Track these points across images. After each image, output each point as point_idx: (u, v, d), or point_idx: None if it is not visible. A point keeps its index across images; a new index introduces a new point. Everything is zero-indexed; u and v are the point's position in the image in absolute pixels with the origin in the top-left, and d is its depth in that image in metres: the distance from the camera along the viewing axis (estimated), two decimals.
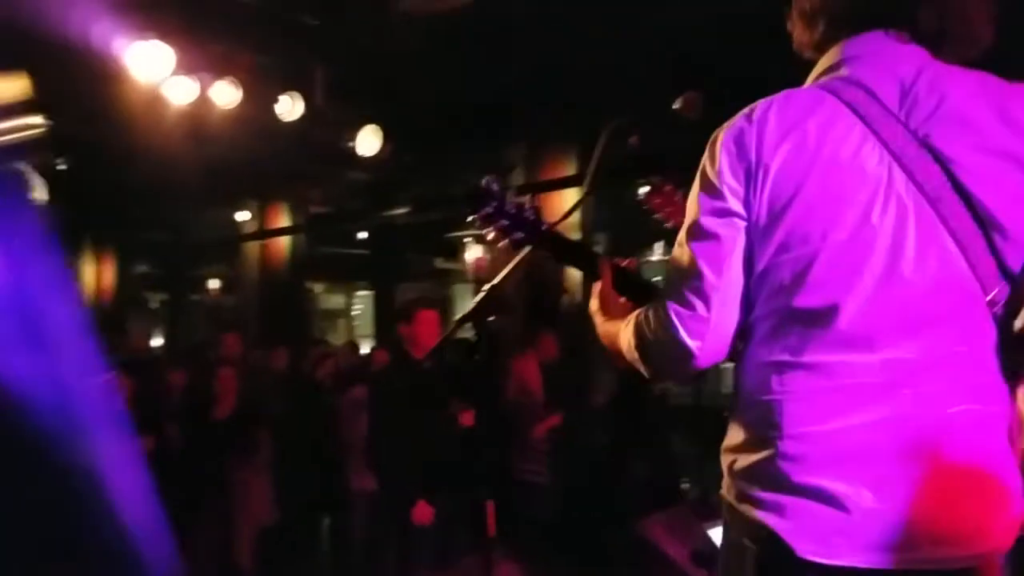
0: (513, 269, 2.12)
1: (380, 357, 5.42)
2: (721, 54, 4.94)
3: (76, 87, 5.95)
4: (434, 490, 4.02)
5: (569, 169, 7.74)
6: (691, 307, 1.35)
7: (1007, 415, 1.26)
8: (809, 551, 1.23)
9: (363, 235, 11.51)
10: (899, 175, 1.27)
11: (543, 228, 1.76)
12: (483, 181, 1.74)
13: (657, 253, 12.08)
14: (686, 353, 1.36)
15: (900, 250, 1.25)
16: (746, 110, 1.37)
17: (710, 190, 1.35)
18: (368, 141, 5.69)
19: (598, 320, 1.66)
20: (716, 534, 3.13)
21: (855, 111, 1.30)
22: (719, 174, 1.34)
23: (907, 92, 1.31)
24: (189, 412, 5.46)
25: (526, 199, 1.76)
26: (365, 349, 8.53)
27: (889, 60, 1.35)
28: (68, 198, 8.43)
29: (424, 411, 3.99)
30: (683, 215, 1.48)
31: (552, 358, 5.88)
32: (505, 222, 1.73)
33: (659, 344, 1.40)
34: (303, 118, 5.34)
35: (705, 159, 1.38)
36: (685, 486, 6.40)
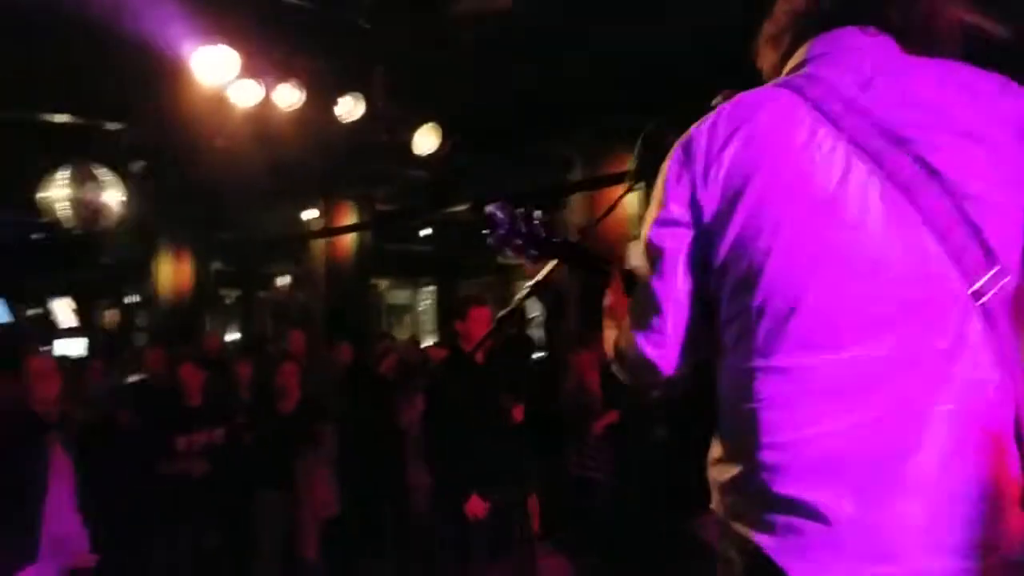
0: (552, 270, 2.15)
1: (438, 353, 5.49)
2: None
3: (150, 92, 6.21)
4: (488, 484, 4.07)
5: (629, 164, 7.67)
6: (646, 319, 1.37)
7: (1005, 413, 1.15)
8: (796, 569, 1.16)
9: (426, 232, 11.66)
10: (860, 165, 1.20)
11: (553, 241, 1.82)
12: (488, 209, 1.79)
13: None
14: (647, 363, 1.38)
15: (863, 242, 1.18)
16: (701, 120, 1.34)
17: (656, 203, 1.34)
18: (426, 140, 5.78)
19: (604, 323, 1.67)
20: None
21: (811, 104, 1.25)
22: (664, 184, 1.33)
23: (868, 82, 1.25)
24: (256, 406, 5.63)
25: (537, 215, 1.80)
26: (428, 344, 8.66)
27: (852, 54, 1.30)
28: (146, 198, 8.79)
29: (477, 406, 4.05)
30: None
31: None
32: (519, 241, 1.79)
33: (623, 354, 1.43)
34: (363, 118, 5.44)
35: (664, 164, 1.36)
36: None
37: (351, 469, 5.74)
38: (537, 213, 1.81)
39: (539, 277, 2.15)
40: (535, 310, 10.69)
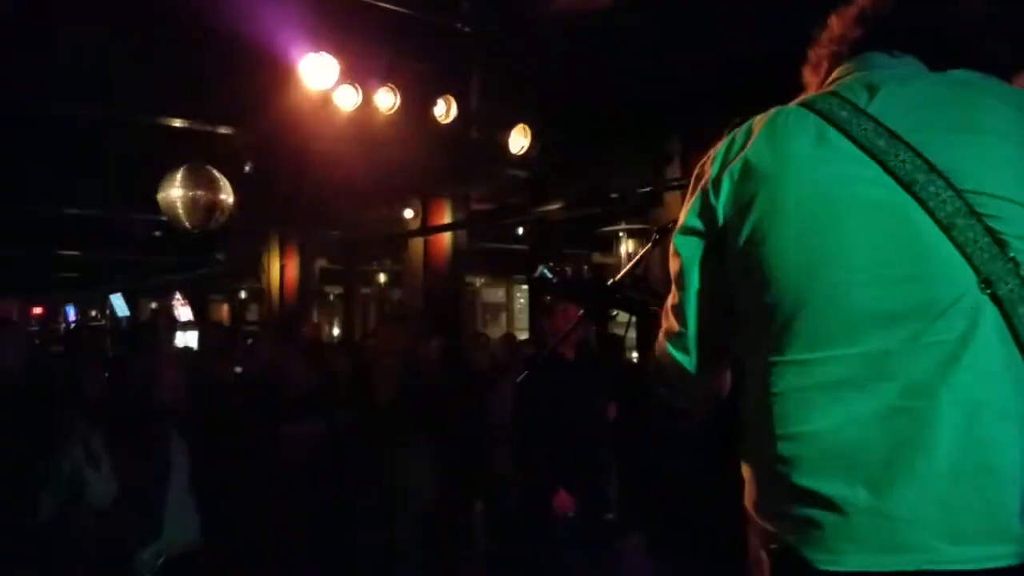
0: (632, 268, 2.20)
1: (527, 350, 5.57)
2: None
3: (260, 98, 6.53)
4: (576, 479, 4.13)
5: None
6: (672, 326, 1.45)
7: (1017, 403, 1.14)
8: (820, 560, 1.18)
9: (522, 230, 11.77)
10: (865, 165, 1.23)
11: (604, 292, 1.92)
12: (538, 271, 1.94)
13: None
14: (680, 368, 1.44)
15: (870, 238, 1.21)
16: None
17: (680, 216, 1.43)
18: (519, 140, 5.87)
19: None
20: None
21: (818, 112, 1.30)
22: (688, 197, 1.41)
23: (876, 90, 1.30)
24: (354, 399, 5.82)
25: (584, 271, 1.99)
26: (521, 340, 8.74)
27: (871, 72, 1.36)
28: (256, 199, 9.22)
29: (566, 402, 4.10)
30: None
31: None
32: (572, 296, 1.95)
33: (661, 365, 1.49)
34: (459, 119, 5.58)
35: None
36: None
37: (444, 462, 5.86)
38: (585, 268, 1.99)
39: (617, 278, 2.20)
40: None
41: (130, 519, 3.65)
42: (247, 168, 8.35)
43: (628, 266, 2.23)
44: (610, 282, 2.03)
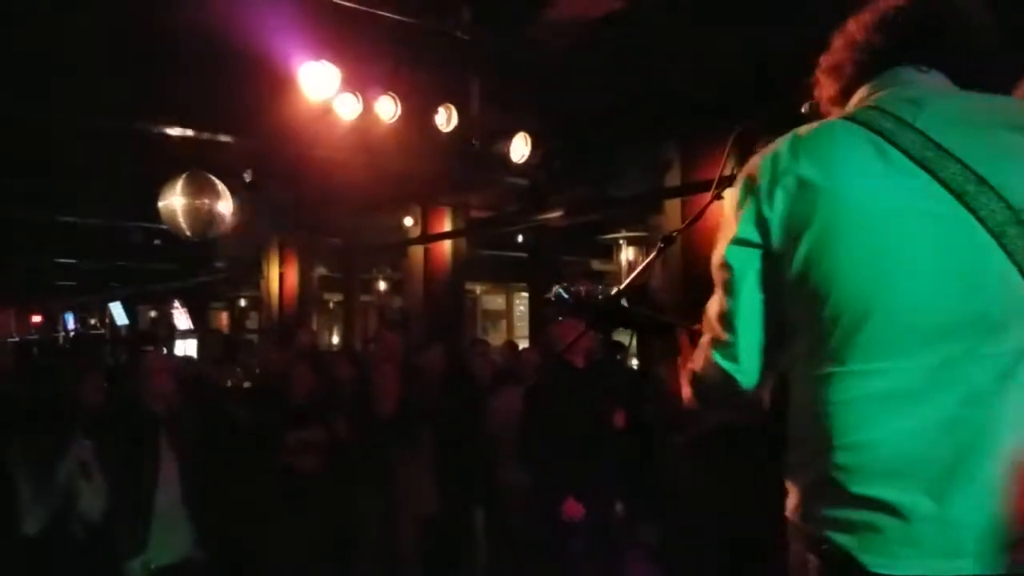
0: (638, 276, 2.20)
1: (530, 356, 5.56)
2: None
3: (259, 106, 6.54)
4: (585, 487, 4.12)
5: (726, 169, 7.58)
6: (719, 335, 1.45)
7: None
8: (876, 564, 1.22)
9: (521, 238, 11.77)
10: (923, 177, 1.26)
11: (618, 311, 1.90)
12: (553, 291, 1.94)
13: None
14: (727, 378, 1.44)
15: (927, 249, 1.24)
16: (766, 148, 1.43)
17: (727, 225, 1.43)
18: (520, 148, 5.87)
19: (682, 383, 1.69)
20: None
21: (871, 127, 1.33)
22: (736, 206, 1.42)
23: (919, 104, 1.33)
24: (356, 406, 5.81)
25: (599, 289, 1.96)
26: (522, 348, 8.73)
27: (907, 87, 1.39)
28: (256, 207, 9.22)
29: (575, 410, 4.09)
30: None
31: None
32: (586, 315, 1.94)
33: (704, 376, 1.49)
34: (459, 127, 5.58)
35: (736, 185, 1.45)
36: None
37: (446, 470, 5.84)
38: (599, 287, 2.01)
39: (623, 286, 2.20)
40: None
41: (118, 530, 3.64)
42: (246, 176, 8.34)
43: (632, 276, 2.23)
44: (622, 300, 1.98)
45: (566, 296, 1.95)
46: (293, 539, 4.86)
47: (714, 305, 1.47)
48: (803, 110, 2.17)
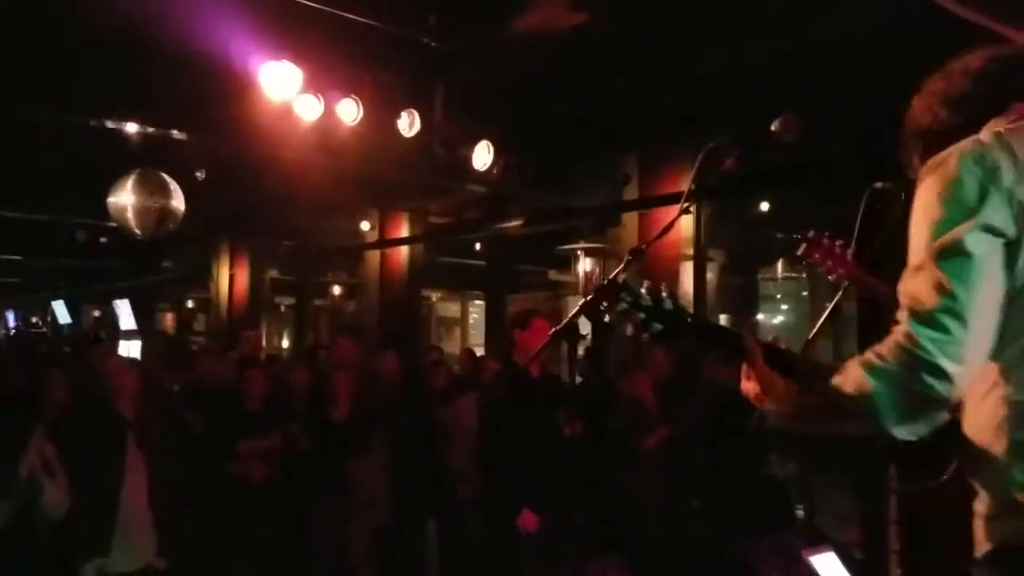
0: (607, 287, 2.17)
1: (490, 365, 5.52)
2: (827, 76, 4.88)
3: (217, 104, 6.40)
4: (540, 498, 4.08)
5: (684, 184, 7.65)
6: (945, 330, 1.28)
7: None
8: None
9: (479, 246, 11.74)
10: None
11: (684, 319, 1.69)
12: (610, 282, 1.72)
13: (777, 271, 11.81)
14: (943, 382, 1.28)
15: None
16: (973, 137, 1.39)
17: (956, 210, 1.32)
18: (483, 155, 5.84)
19: (769, 405, 1.57)
20: (820, 563, 3.08)
21: None
22: (967, 193, 1.32)
23: None
24: (310, 412, 5.71)
25: (661, 287, 1.69)
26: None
27: None
28: (208, 207, 9.03)
29: (531, 419, 4.06)
30: (846, 266, 1.51)
31: (666, 375, 5.85)
32: (642, 315, 1.67)
33: (909, 379, 1.30)
34: (422, 133, 5.53)
35: (941, 182, 1.36)
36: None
37: (402, 479, 5.79)
38: (662, 285, 1.71)
39: (590, 296, 2.16)
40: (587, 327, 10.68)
41: (79, 530, 3.51)
42: (199, 174, 8.16)
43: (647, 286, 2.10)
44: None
45: (626, 293, 1.68)
46: (248, 547, 4.76)
47: (931, 295, 1.31)
48: (773, 128, 2.19)
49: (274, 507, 5.01)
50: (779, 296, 12.56)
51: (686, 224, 7.69)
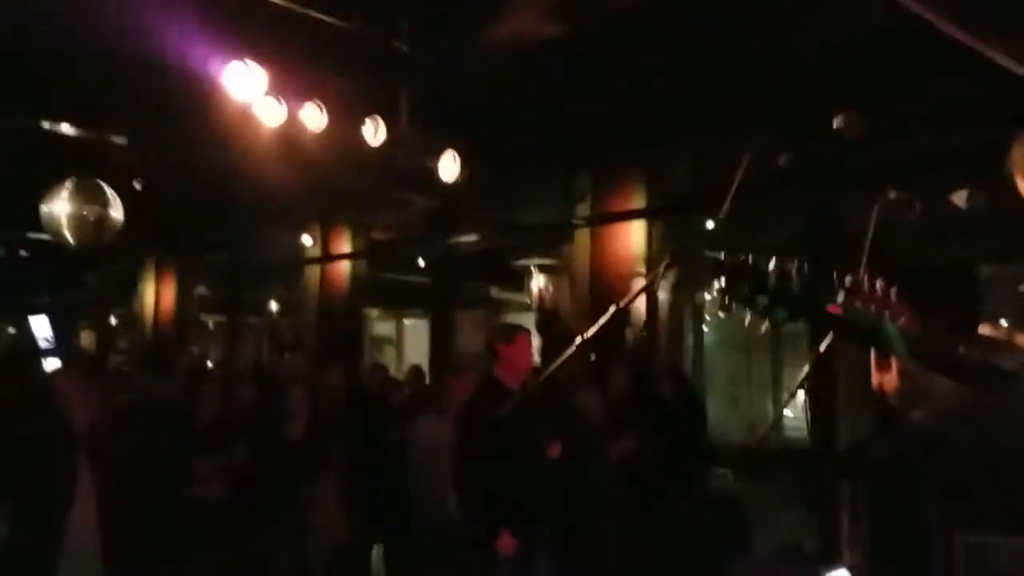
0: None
1: (459, 384, 5.35)
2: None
3: (159, 109, 6.11)
4: (519, 520, 3.95)
5: (637, 201, 7.71)
6: None
7: None
8: None
9: (423, 262, 11.55)
10: None
11: (822, 306, 1.44)
12: (749, 258, 1.44)
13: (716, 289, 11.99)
14: None
15: None
16: None
17: None
18: (449, 167, 5.71)
19: (922, 406, 1.47)
20: None
21: None
22: None
23: None
24: (261, 430, 5.46)
25: (791, 268, 1.44)
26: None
27: None
28: (142, 217, 8.60)
29: (512, 439, 3.92)
30: (901, 311, 1.35)
31: (620, 392, 5.81)
32: (765, 300, 1.44)
33: None
34: (387, 142, 5.37)
35: None
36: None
37: (355, 496, 5.61)
38: (793, 264, 1.45)
39: (624, 303, 2.06)
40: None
41: (23, 554, 3.21)
42: (137, 184, 7.78)
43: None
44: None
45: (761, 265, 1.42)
46: (201, 571, 4.49)
47: None
48: (835, 125, 2.14)
49: (228, 528, 4.75)
50: (716, 315, 12.74)
51: (638, 240, 7.73)
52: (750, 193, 1.94)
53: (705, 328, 12.10)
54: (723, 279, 1.44)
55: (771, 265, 1.41)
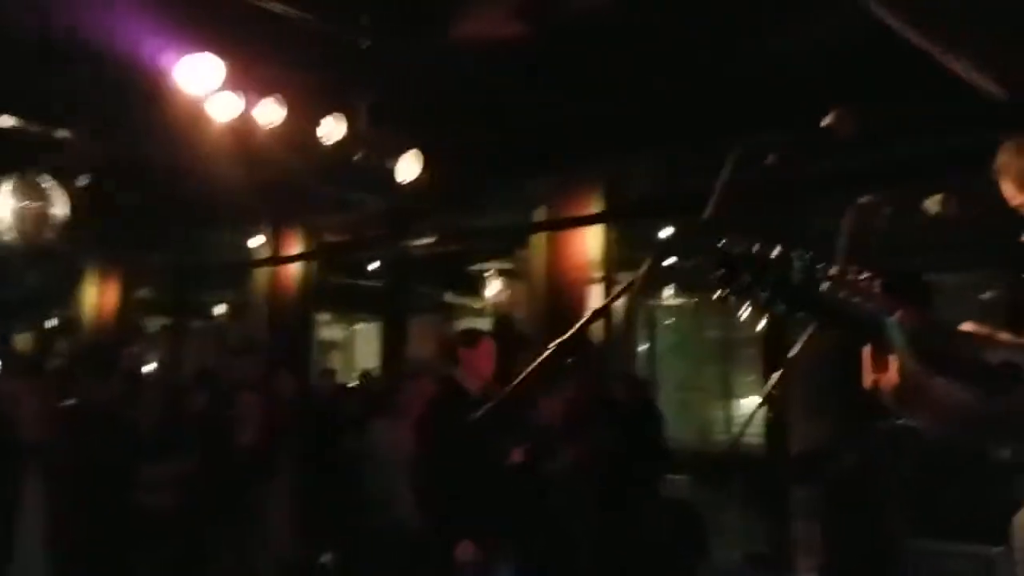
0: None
1: (415, 388, 5.25)
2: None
3: (106, 102, 5.89)
4: (481, 529, 3.86)
5: (594, 206, 7.71)
6: None
7: None
8: None
9: (374, 266, 11.38)
10: None
11: (822, 297, 1.37)
12: (753, 247, 1.38)
13: (667, 296, 12.07)
14: None
15: None
16: None
17: None
18: (408, 168, 5.62)
19: (920, 407, 1.42)
20: None
21: None
22: None
23: None
24: (211, 436, 5.29)
25: (794, 256, 1.37)
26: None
27: None
28: (84, 215, 8.29)
29: (476, 445, 3.83)
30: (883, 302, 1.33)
31: (580, 396, 5.77)
32: (765, 293, 1.37)
33: None
34: (345, 140, 5.25)
35: None
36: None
37: (306, 503, 5.49)
38: (796, 252, 1.37)
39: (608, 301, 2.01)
40: None
41: None
42: (81, 180, 7.50)
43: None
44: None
45: (743, 255, 1.35)
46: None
47: None
48: (824, 123, 2.10)
49: (178, 535, 4.59)
50: (668, 322, 12.82)
51: (593, 246, 7.72)
52: (735, 193, 1.89)
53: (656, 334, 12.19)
54: (722, 272, 1.41)
55: (774, 253, 1.35)
